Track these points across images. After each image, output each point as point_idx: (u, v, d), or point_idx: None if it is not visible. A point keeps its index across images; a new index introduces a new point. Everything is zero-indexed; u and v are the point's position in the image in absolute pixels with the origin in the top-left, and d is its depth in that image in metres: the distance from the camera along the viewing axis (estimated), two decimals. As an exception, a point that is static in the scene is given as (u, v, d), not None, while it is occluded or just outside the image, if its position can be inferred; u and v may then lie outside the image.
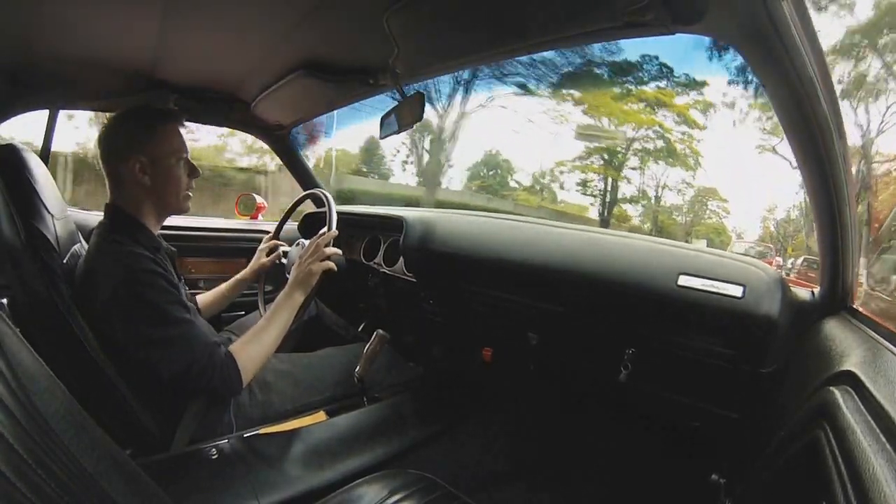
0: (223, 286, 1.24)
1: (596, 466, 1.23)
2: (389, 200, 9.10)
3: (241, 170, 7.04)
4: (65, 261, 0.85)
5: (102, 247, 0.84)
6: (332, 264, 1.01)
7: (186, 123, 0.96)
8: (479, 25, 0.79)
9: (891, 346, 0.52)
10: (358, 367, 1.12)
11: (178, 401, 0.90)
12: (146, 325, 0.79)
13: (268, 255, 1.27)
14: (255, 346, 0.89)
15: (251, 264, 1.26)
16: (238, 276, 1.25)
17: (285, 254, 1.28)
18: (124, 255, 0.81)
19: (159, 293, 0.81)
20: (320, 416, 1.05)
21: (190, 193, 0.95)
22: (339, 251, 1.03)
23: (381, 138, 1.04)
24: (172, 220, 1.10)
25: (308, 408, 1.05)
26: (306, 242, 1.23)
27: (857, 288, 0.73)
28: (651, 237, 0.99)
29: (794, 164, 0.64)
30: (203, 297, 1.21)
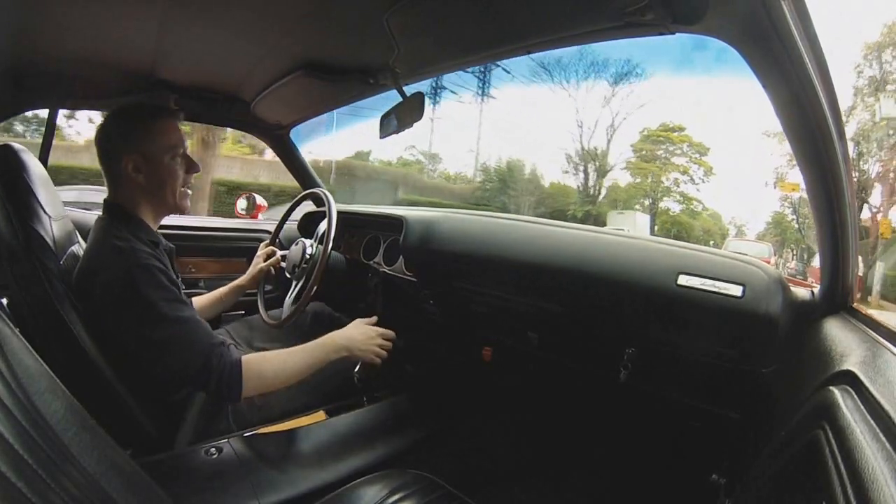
0: (220, 291, 1.23)
1: (596, 466, 1.23)
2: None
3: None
4: (62, 261, 0.85)
5: (101, 243, 0.84)
6: (385, 353, 1.00)
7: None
8: (479, 25, 0.79)
9: (891, 346, 0.52)
10: (357, 367, 1.12)
11: (177, 401, 0.90)
12: (142, 324, 0.78)
13: (265, 260, 1.27)
14: (271, 366, 0.85)
15: (249, 270, 1.25)
16: (236, 282, 1.24)
17: (283, 258, 1.28)
18: (122, 251, 0.80)
19: (157, 290, 0.79)
20: (320, 415, 1.05)
21: (188, 191, 0.93)
22: (393, 334, 1.03)
23: (381, 138, 1.04)
24: (172, 220, 1.10)
25: (308, 408, 1.05)
26: (307, 242, 1.24)
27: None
28: (651, 237, 0.99)
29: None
30: (199, 301, 1.19)
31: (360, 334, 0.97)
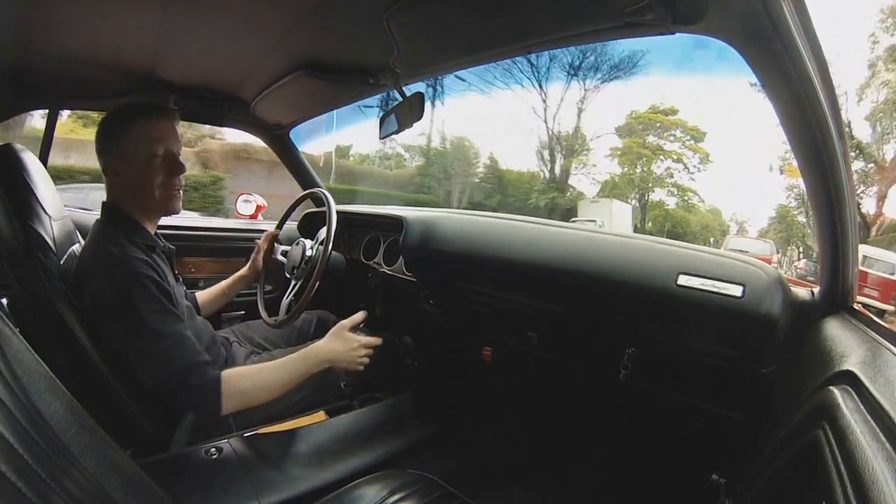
0: (223, 283, 1.24)
1: (596, 466, 1.23)
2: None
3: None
4: (62, 261, 0.85)
5: (97, 246, 0.84)
6: (367, 361, 0.97)
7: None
8: (479, 25, 0.79)
9: (891, 346, 0.52)
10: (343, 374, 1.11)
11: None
12: (129, 331, 0.78)
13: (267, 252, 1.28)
14: (250, 382, 0.83)
15: (250, 261, 1.26)
16: (238, 273, 1.25)
17: (285, 253, 1.28)
18: (116, 257, 0.80)
19: (147, 302, 0.79)
20: (320, 415, 1.05)
21: (176, 192, 0.91)
22: (379, 341, 1.01)
23: (381, 138, 1.04)
24: (172, 220, 1.10)
25: (308, 408, 1.05)
26: (307, 242, 1.24)
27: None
28: (651, 237, 0.99)
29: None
30: (202, 294, 1.21)
31: (342, 346, 0.94)
